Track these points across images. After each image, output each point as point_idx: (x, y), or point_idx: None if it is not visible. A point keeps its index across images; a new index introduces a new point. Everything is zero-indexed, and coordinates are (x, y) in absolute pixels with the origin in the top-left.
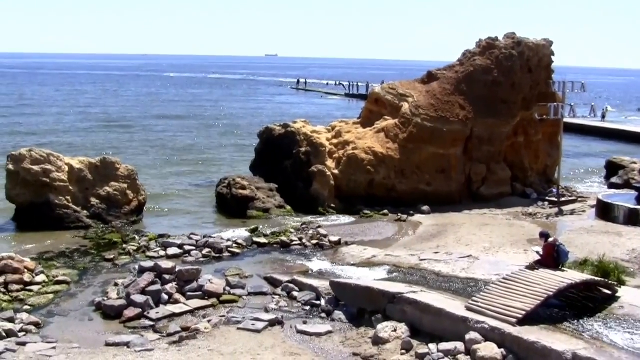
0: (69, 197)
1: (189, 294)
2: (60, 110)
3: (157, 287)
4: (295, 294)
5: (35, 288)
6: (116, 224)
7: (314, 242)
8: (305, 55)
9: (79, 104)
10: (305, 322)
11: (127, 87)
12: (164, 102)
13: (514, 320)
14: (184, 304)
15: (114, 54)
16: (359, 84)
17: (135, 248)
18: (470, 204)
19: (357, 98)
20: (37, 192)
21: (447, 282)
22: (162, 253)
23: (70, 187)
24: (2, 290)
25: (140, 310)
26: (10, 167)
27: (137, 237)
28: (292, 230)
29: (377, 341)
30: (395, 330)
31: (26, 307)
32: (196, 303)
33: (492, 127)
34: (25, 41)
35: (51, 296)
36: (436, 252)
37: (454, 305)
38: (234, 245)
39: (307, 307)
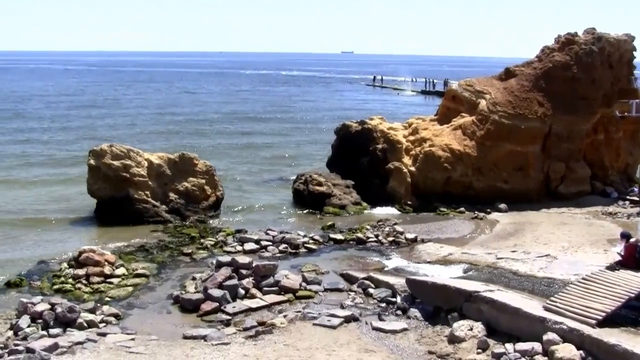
0: (148, 192)
1: (265, 289)
2: (138, 110)
3: (234, 281)
4: (371, 290)
5: (115, 280)
6: (194, 218)
7: (390, 239)
8: (381, 52)
9: (157, 102)
10: (381, 319)
11: (205, 84)
12: (241, 99)
13: (593, 321)
14: (261, 298)
15: (193, 51)
16: (435, 80)
17: (212, 243)
18: (549, 202)
19: (434, 95)
20: (117, 187)
21: (524, 282)
22: (239, 248)
23: (150, 182)
24: (84, 282)
25: (218, 304)
26: (92, 162)
27: (214, 232)
28: (368, 227)
29: (453, 340)
30: (471, 329)
31: (106, 298)
32: (272, 298)
33: (571, 124)
34: (108, 40)
35: (130, 289)
36: (513, 251)
37: (532, 305)
38: (311, 241)
39: (383, 304)
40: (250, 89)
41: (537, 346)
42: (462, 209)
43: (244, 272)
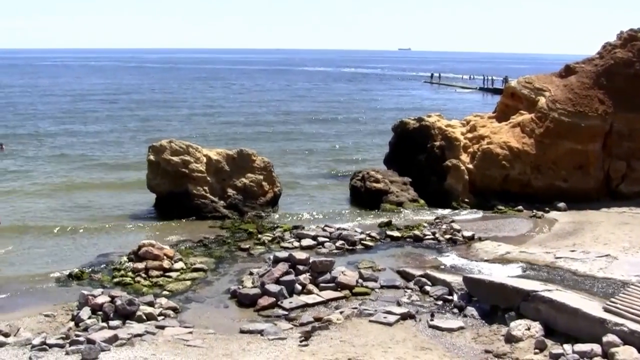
0: (206, 188)
1: (322, 285)
2: (197, 108)
3: (291, 277)
4: (427, 288)
5: (173, 274)
6: (251, 214)
7: (447, 236)
8: (439, 49)
9: (216, 100)
10: (435, 316)
11: (262, 81)
12: (299, 96)
13: None
14: (317, 294)
15: (249, 48)
16: (494, 78)
17: (270, 238)
18: (609, 201)
19: (492, 92)
20: (176, 182)
21: (583, 282)
22: (296, 244)
23: (208, 178)
24: (143, 275)
25: (274, 299)
26: (151, 157)
27: (272, 228)
28: (425, 225)
29: (510, 339)
30: (528, 329)
31: (165, 292)
32: (329, 294)
33: (633, 122)
34: (166, 37)
35: (189, 283)
36: (572, 250)
37: (591, 306)
38: (367, 238)
39: (440, 302)
40: (307, 86)
41: (597, 348)
42: (520, 207)
43: (301, 268)
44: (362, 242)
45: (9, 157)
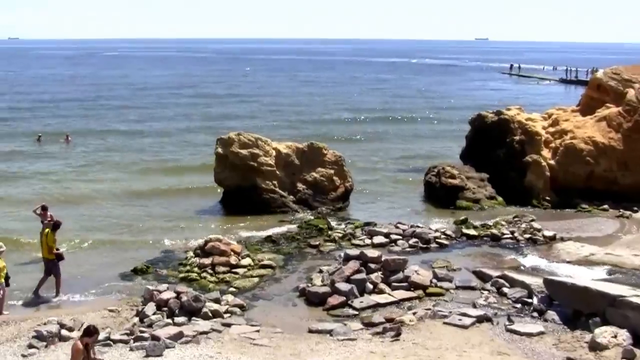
0: (275, 182)
1: (394, 284)
2: (263, 101)
3: (362, 275)
4: (505, 290)
5: (240, 271)
6: (322, 210)
7: (527, 236)
8: (518, 39)
9: (282, 93)
10: (513, 320)
11: (329, 72)
12: (369, 89)
13: None
14: (389, 294)
15: (317, 38)
16: (578, 69)
17: (340, 235)
18: None
19: (576, 84)
20: (244, 176)
21: None
22: (368, 241)
23: (277, 172)
24: (209, 271)
25: (344, 298)
26: (219, 150)
27: (342, 224)
28: (504, 223)
29: (595, 347)
30: (615, 337)
31: (231, 289)
32: (401, 294)
33: None
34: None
35: (256, 280)
36: None
37: None
38: (442, 236)
39: (518, 305)
40: (376, 78)
41: None
42: (605, 206)
43: (372, 266)
44: (437, 240)
45: (73, 152)
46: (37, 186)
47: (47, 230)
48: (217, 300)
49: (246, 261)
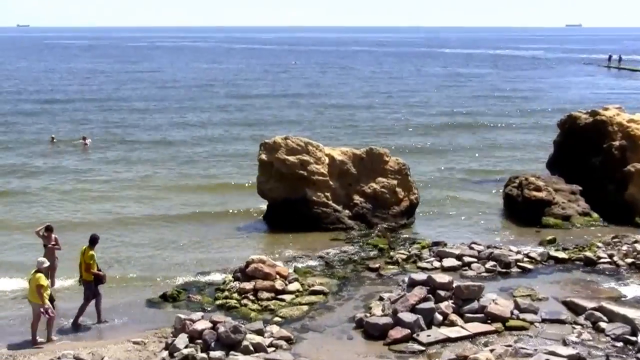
0: (328, 194)
1: (467, 315)
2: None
3: (430, 304)
4: (602, 325)
5: (287, 297)
6: (382, 227)
7: (629, 260)
8: (618, 25)
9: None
10: None
11: (396, 65)
12: (439, 86)
13: None
14: (462, 327)
15: (383, 26)
16: None
17: (404, 257)
18: None
19: None
20: (292, 187)
21: None
22: (437, 264)
23: (331, 182)
24: (251, 297)
25: (409, 331)
26: (263, 157)
27: (407, 244)
28: (600, 245)
29: None
30: None
31: (277, 318)
32: (476, 327)
33: None
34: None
35: (305, 308)
36: None
37: None
38: (525, 259)
39: (619, 344)
40: (451, 72)
41: None
42: None
43: (442, 293)
44: (519, 264)
45: (93, 155)
46: (47, 203)
47: (84, 247)
48: (259, 332)
49: (294, 286)
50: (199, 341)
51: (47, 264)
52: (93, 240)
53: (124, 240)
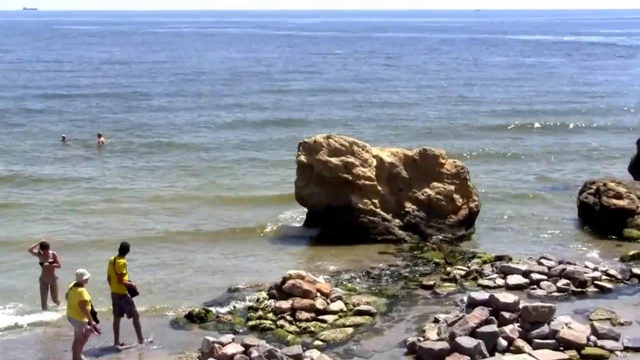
0: (376, 200)
1: (536, 340)
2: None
3: (493, 328)
4: None
5: (329, 318)
6: (438, 238)
7: None
8: None
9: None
10: None
11: (450, 56)
12: (500, 80)
13: None
14: (529, 354)
15: (439, 9)
16: None
17: (463, 273)
18: None
19: None
20: (335, 192)
21: None
22: (500, 282)
23: (379, 187)
24: (288, 318)
25: (469, 357)
26: (302, 158)
27: (465, 258)
28: None
29: None
30: None
31: (317, 342)
32: (546, 355)
33: None
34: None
35: (350, 330)
36: None
37: None
38: (604, 276)
39: None
40: (515, 62)
41: None
42: None
43: (506, 315)
44: (596, 282)
45: (109, 159)
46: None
47: (112, 257)
48: (298, 357)
49: (337, 305)
50: None
51: (87, 275)
52: (124, 249)
53: (146, 254)
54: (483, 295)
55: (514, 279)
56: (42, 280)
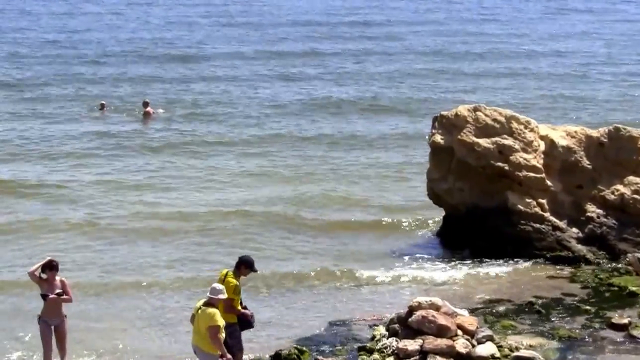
0: (544, 201)
1: None
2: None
3: None
4: None
5: None
6: (636, 257)
7: None
8: None
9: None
10: None
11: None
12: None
13: None
14: None
15: None
16: None
17: None
18: None
19: None
20: (484, 188)
21: None
22: None
23: (549, 182)
24: None
25: None
26: (439, 139)
27: None
28: None
29: None
30: None
31: None
32: None
33: None
34: None
35: None
36: None
37: None
38: None
39: None
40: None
41: None
42: None
43: None
44: None
45: (160, 132)
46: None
47: (225, 270)
48: None
49: (486, 349)
50: None
51: (224, 295)
52: (244, 263)
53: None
54: None
55: None
56: (45, 320)
